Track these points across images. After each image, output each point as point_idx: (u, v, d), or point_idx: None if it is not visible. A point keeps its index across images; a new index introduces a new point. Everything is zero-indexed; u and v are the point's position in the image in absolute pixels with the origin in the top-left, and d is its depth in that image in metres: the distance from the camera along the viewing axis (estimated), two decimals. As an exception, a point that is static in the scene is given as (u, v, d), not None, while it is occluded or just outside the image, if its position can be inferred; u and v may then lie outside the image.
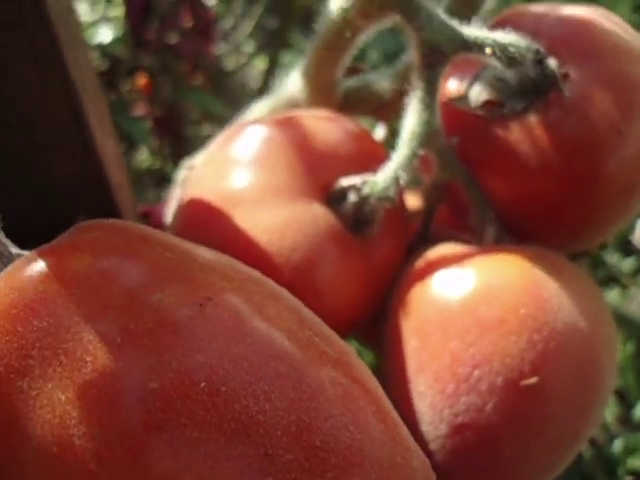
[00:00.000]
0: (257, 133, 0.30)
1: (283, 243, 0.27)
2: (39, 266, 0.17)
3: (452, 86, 0.30)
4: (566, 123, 0.27)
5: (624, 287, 0.72)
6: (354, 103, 0.38)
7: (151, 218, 0.41)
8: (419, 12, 0.26)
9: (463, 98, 0.29)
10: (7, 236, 0.33)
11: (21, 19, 0.23)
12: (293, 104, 0.38)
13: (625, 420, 0.91)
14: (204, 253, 0.20)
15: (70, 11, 0.27)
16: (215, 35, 1.18)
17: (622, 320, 0.64)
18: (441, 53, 0.26)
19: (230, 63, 1.34)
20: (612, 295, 0.80)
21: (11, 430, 0.14)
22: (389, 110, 0.39)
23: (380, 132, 0.41)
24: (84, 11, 0.98)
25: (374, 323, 0.32)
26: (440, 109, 0.29)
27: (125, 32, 1.03)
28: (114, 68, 1.05)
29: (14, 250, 0.19)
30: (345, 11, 0.28)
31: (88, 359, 0.15)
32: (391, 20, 0.28)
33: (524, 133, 0.28)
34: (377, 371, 0.31)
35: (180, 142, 1.15)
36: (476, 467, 0.26)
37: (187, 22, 1.07)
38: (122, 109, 1.01)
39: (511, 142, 0.28)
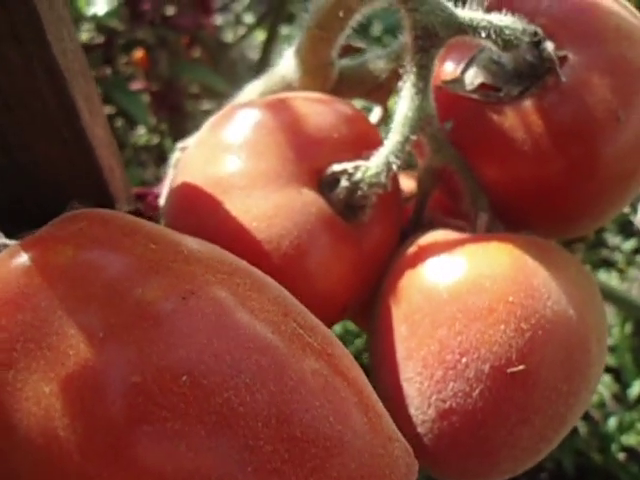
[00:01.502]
0: (248, 117, 0.30)
1: (272, 230, 0.27)
2: (22, 259, 0.17)
3: (447, 69, 0.29)
4: (563, 109, 0.27)
5: (621, 271, 0.72)
6: (349, 83, 0.38)
7: (146, 200, 0.41)
8: (413, -8, 0.25)
9: (458, 81, 0.28)
10: (1, 221, 0.33)
11: None
12: (286, 84, 0.37)
13: (620, 398, 0.92)
14: (190, 244, 0.20)
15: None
16: (213, 7, 1.15)
17: (621, 302, 0.64)
18: (435, 36, 0.25)
19: (229, 35, 1.31)
20: (612, 277, 0.80)
21: (-2, 421, 0.15)
22: (385, 91, 0.38)
23: (377, 113, 0.41)
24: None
25: (368, 305, 0.32)
26: (434, 92, 0.28)
27: (120, 4, 1.01)
28: (110, 41, 1.03)
29: (1, 240, 0.20)
30: (338, -10, 0.27)
31: (71, 353, 0.15)
32: (385, 1, 0.27)
33: (519, 118, 0.28)
34: (369, 353, 0.32)
35: (179, 117, 1.14)
36: (462, 451, 0.26)
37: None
38: (119, 84, 1.00)
39: (506, 127, 0.28)
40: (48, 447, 0.14)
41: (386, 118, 0.41)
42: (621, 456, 0.90)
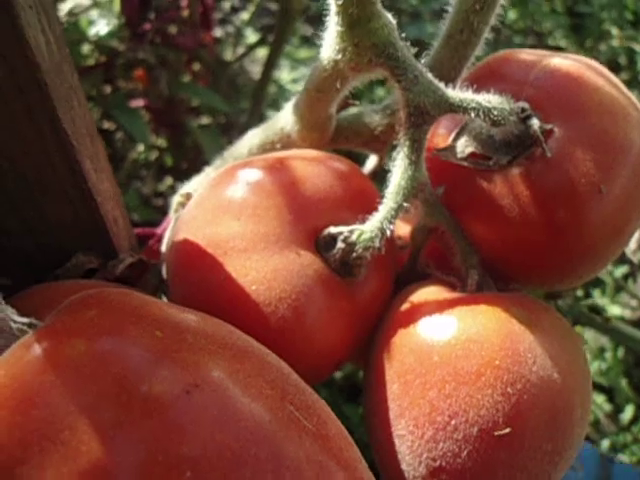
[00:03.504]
0: (247, 179, 0.31)
1: (271, 293, 0.28)
2: (36, 354, 0.18)
3: (440, 133, 0.31)
4: (548, 179, 0.28)
5: (613, 297, 0.74)
6: (347, 135, 0.39)
7: (148, 244, 0.42)
8: (406, 72, 0.26)
9: (450, 149, 0.29)
10: (8, 273, 0.34)
11: (15, 81, 0.24)
12: (285, 135, 0.39)
13: (614, 418, 0.93)
14: (193, 325, 0.21)
15: (64, 61, 0.28)
16: (213, 23, 1.16)
17: (611, 331, 0.65)
18: (427, 114, 0.26)
19: (229, 50, 1.33)
20: (604, 302, 0.82)
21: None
22: (381, 142, 0.39)
23: (372, 161, 0.42)
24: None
25: (364, 349, 0.33)
26: (427, 157, 0.29)
27: (121, 24, 1.02)
28: (111, 61, 1.05)
29: (15, 320, 0.20)
30: (335, 62, 0.29)
31: (83, 449, 0.16)
32: (380, 74, 0.28)
33: (508, 185, 0.29)
34: (363, 405, 0.33)
35: (178, 134, 1.15)
36: (451, 507, 0.27)
37: (184, 12, 1.06)
38: (119, 103, 1.01)
39: (495, 193, 0.29)
40: (61, 542, 0.15)
41: (382, 166, 0.43)
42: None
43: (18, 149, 0.27)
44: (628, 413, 0.89)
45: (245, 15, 1.45)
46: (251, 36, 1.47)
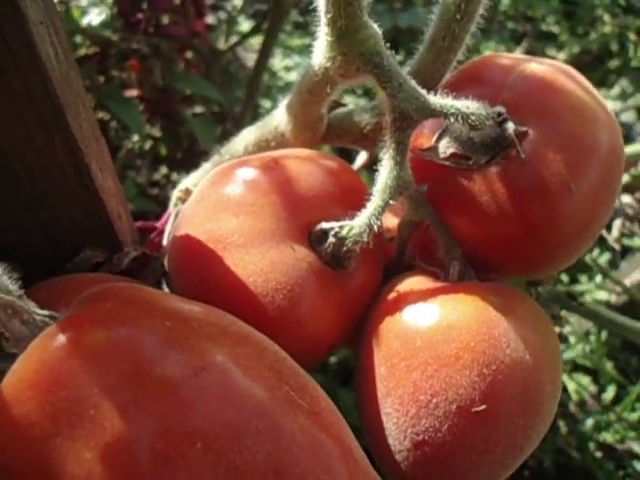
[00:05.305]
0: (244, 178, 0.33)
1: (268, 285, 0.30)
2: (61, 342, 0.20)
3: (423, 134, 0.33)
4: (523, 178, 0.30)
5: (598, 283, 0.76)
6: (337, 134, 0.41)
7: (149, 237, 0.44)
8: (392, 80, 0.28)
9: (432, 150, 0.32)
10: (21, 268, 0.36)
11: (29, 93, 0.26)
12: (279, 134, 0.41)
13: (599, 399, 0.98)
14: (198, 315, 0.23)
15: (70, 69, 0.30)
16: (206, 11, 1.17)
17: (596, 317, 0.69)
18: (411, 119, 0.28)
19: (221, 37, 1.33)
20: (592, 287, 0.85)
21: None
22: (371, 140, 0.41)
23: (362, 157, 0.44)
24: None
25: (356, 334, 0.36)
26: (412, 158, 0.31)
27: (114, 14, 1.02)
28: (104, 52, 1.05)
29: (38, 313, 0.23)
30: (326, 69, 0.31)
31: (107, 425, 0.19)
32: (367, 80, 0.30)
33: (486, 183, 0.31)
34: (354, 386, 0.35)
35: (173, 123, 1.16)
36: (433, 476, 0.30)
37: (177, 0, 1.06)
38: (113, 93, 1.02)
39: (475, 191, 0.31)
40: (90, 503, 0.18)
41: (372, 160, 0.45)
42: (598, 454, 0.96)
43: (32, 155, 0.29)
44: (611, 393, 0.93)
45: (237, 1, 1.44)
46: (244, 23, 1.47)
